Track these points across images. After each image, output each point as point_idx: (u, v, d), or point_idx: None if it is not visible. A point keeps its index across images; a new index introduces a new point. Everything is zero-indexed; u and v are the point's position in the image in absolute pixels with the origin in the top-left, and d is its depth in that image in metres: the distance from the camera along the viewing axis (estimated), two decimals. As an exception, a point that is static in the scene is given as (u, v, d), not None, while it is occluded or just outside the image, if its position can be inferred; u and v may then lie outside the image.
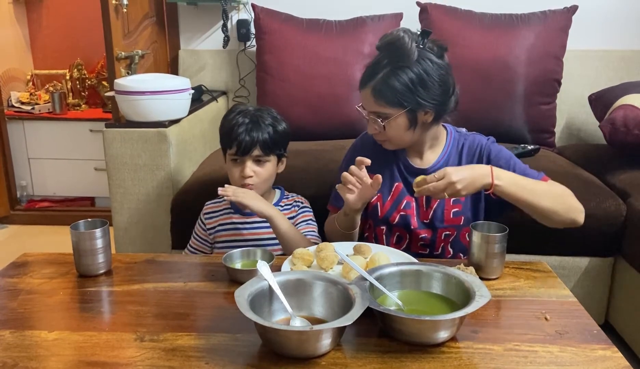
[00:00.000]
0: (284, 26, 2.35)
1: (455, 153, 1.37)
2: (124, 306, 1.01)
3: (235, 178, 1.41)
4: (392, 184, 1.38)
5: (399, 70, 1.23)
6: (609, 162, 2.02)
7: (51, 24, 3.50)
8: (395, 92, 1.24)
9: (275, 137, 1.40)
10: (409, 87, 1.23)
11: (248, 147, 1.37)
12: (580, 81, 2.43)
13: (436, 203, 1.34)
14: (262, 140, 1.38)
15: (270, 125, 1.40)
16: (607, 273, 1.81)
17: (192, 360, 0.83)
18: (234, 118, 1.40)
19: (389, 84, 1.24)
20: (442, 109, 1.28)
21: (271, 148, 1.40)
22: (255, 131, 1.37)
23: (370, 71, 1.28)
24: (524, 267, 1.17)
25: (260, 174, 1.40)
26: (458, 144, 1.38)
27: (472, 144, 1.37)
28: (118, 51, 2.25)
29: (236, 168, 1.41)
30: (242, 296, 0.87)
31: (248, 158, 1.39)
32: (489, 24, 2.28)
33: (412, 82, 1.23)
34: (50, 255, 1.22)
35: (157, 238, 1.91)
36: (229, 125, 1.40)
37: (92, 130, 3.12)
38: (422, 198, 1.36)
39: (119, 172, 1.86)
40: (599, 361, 0.84)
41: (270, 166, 1.42)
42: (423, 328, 0.86)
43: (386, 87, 1.24)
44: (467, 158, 1.36)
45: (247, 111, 1.42)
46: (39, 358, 0.85)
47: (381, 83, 1.25)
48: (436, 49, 1.26)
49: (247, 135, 1.37)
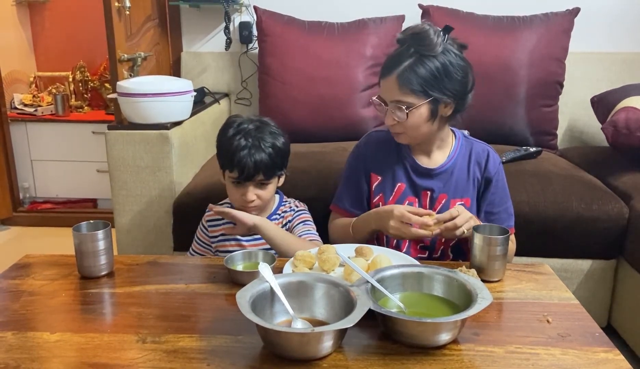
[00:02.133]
0: (286, 28, 2.35)
1: (463, 157, 1.37)
2: (126, 308, 1.01)
3: (237, 200, 1.38)
4: (394, 184, 1.38)
5: (426, 59, 1.24)
6: (612, 165, 2.02)
7: (54, 26, 3.51)
8: (421, 80, 1.24)
9: (276, 159, 1.35)
10: (435, 75, 1.23)
11: (251, 174, 1.32)
12: (582, 83, 2.42)
13: (440, 205, 1.35)
14: (265, 165, 1.32)
15: (271, 146, 1.34)
16: (609, 276, 1.80)
17: (194, 362, 0.83)
18: (234, 140, 1.33)
19: (416, 71, 1.24)
20: (461, 103, 1.29)
21: (273, 171, 1.36)
22: (258, 154, 1.31)
23: (394, 59, 1.27)
24: (526, 269, 1.17)
25: (263, 196, 1.37)
26: (466, 148, 1.39)
27: (481, 151, 1.38)
28: (120, 53, 2.25)
29: (237, 189, 1.37)
30: (244, 298, 0.87)
31: (250, 183, 1.35)
32: (491, 26, 2.28)
33: (437, 70, 1.23)
34: (52, 256, 1.22)
35: (158, 240, 1.91)
36: (229, 146, 1.33)
37: (94, 132, 3.13)
38: (426, 200, 1.36)
39: (121, 174, 1.86)
40: (601, 363, 0.83)
41: (272, 187, 1.39)
42: (425, 330, 0.86)
43: (413, 74, 1.24)
44: (475, 163, 1.37)
45: (247, 131, 1.34)
46: (41, 359, 0.85)
47: (408, 71, 1.24)
48: (456, 46, 1.28)
49: (249, 160, 1.31)
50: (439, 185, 1.35)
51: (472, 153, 1.37)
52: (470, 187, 1.36)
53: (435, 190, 1.35)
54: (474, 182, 1.36)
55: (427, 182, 1.36)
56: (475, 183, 1.36)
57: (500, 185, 1.38)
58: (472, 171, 1.36)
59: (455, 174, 1.35)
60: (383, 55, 2.31)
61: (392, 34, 2.35)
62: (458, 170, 1.36)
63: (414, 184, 1.36)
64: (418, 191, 1.36)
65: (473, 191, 1.36)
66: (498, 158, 1.40)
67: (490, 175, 1.36)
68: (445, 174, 1.35)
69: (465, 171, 1.36)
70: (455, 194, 1.35)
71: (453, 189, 1.35)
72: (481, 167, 1.37)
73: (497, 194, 1.37)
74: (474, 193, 1.37)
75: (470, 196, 1.36)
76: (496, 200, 1.37)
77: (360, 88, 2.28)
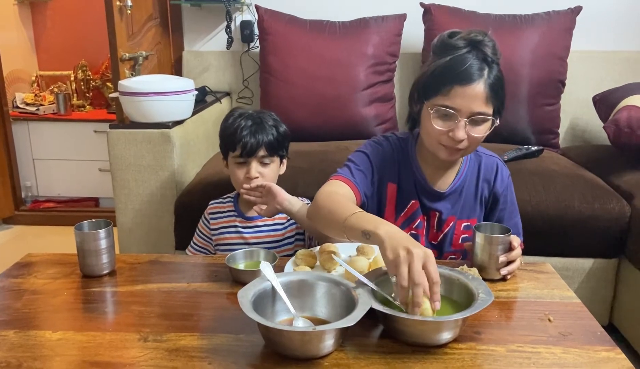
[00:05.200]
0: (288, 27, 2.35)
1: (472, 174, 1.28)
2: (128, 307, 1.01)
3: (240, 180, 1.42)
4: (408, 200, 1.27)
5: (497, 66, 1.14)
6: (613, 163, 2.02)
7: (56, 25, 3.52)
8: (503, 90, 1.14)
9: (278, 137, 1.42)
10: (502, 85, 1.15)
11: (254, 148, 1.38)
12: (584, 82, 2.42)
13: (448, 227, 1.28)
14: (267, 141, 1.39)
15: (273, 126, 1.42)
16: (611, 275, 1.80)
17: (195, 360, 0.83)
18: (237, 121, 1.41)
19: (501, 80, 1.13)
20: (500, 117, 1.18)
21: (275, 149, 1.42)
22: (260, 133, 1.39)
23: (472, 66, 1.11)
24: (527, 268, 1.17)
25: (265, 175, 1.41)
26: (475, 163, 1.29)
27: (490, 167, 1.29)
28: (122, 52, 2.25)
29: (241, 170, 1.42)
30: (245, 296, 0.87)
31: (253, 159, 1.40)
32: (493, 25, 2.27)
33: (502, 79, 1.15)
34: (54, 255, 1.22)
35: (160, 239, 1.91)
36: (232, 128, 1.41)
37: (96, 131, 3.13)
38: (434, 221, 1.28)
39: (123, 173, 1.86)
40: (603, 362, 0.83)
41: (274, 167, 1.44)
42: (426, 329, 0.86)
43: (499, 83, 1.13)
44: (483, 181, 1.29)
45: (248, 114, 1.43)
46: (43, 358, 0.85)
47: (496, 79, 1.12)
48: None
49: (252, 137, 1.38)
50: (448, 207, 1.27)
51: (481, 169, 1.28)
52: (478, 207, 1.29)
53: (444, 212, 1.27)
54: (482, 201, 1.29)
55: (436, 204, 1.27)
56: (482, 201, 1.30)
57: (509, 201, 1.30)
58: (481, 189, 1.28)
59: (464, 194, 1.27)
60: (385, 54, 2.33)
61: (394, 32, 2.35)
62: (467, 190, 1.28)
63: (424, 204, 1.28)
64: (427, 211, 1.28)
65: (480, 211, 1.30)
66: (507, 171, 1.31)
67: (498, 192, 1.29)
68: (454, 195, 1.27)
69: (473, 190, 1.28)
70: (462, 215, 1.29)
71: (460, 210, 1.28)
72: (490, 183, 1.29)
73: (505, 210, 1.30)
74: (481, 214, 1.30)
75: (477, 216, 1.29)
76: (505, 216, 1.30)
77: (361, 87, 2.28)
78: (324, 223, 1.12)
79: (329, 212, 1.09)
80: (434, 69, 1.14)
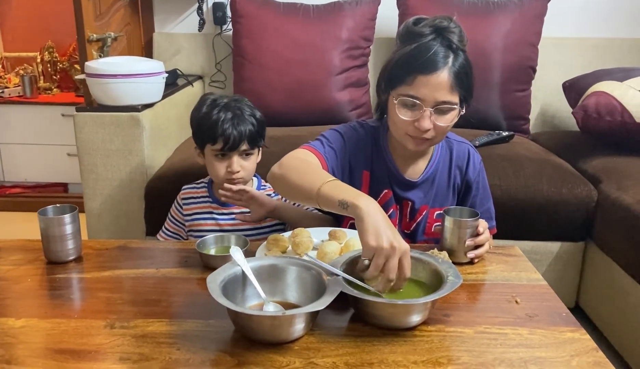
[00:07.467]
0: (261, 10, 2.31)
1: (444, 162, 1.28)
2: (94, 293, 0.99)
3: (221, 174, 1.37)
4: (381, 189, 1.26)
5: (462, 53, 1.11)
6: (582, 149, 2.06)
7: (21, 5, 3.39)
8: (469, 78, 1.12)
9: (257, 127, 1.38)
10: (467, 72, 1.12)
11: (237, 142, 1.34)
12: (554, 68, 2.45)
13: (421, 216, 1.28)
14: (249, 133, 1.35)
15: (251, 115, 1.37)
16: (578, 258, 1.85)
17: (163, 346, 0.82)
18: (214, 113, 1.34)
19: (465, 68, 1.11)
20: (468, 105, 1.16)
21: (256, 141, 1.38)
22: (241, 124, 1.34)
23: (437, 53, 1.08)
24: (496, 252, 1.18)
25: (247, 168, 1.39)
26: (447, 151, 1.28)
27: (462, 154, 1.29)
28: (89, 33, 2.19)
29: (221, 163, 1.37)
30: (215, 282, 0.86)
31: (235, 153, 1.36)
32: (466, 10, 2.28)
33: (469, 67, 1.12)
34: (19, 241, 1.19)
35: (130, 225, 1.88)
36: (209, 120, 1.34)
37: (64, 115, 3.05)
38: (407, 210, 1.28)
39: (90, 158, 1.82)
40: (568, 343, 0.85)
41: (254, 158, 1.42)
42: (396, 312, 0.86)
43: (463, 71, 1.10)
44: (456, 168, 1.28)
45: (225, 103, 1.37)
46: (5, 345, 0.83)
47: (461, 67, 1.10)
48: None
49: (234, 130, 1.33)
50: (420, 196, 1.27)
51: (453, 156, 1.28)
52: (450, 195, 1.29)
53: (416, 202, 1.27)
54: (454, 189, 1.30)
55: (409, 193, 1.27)
56: (455, 189, 1.30)
57: (481, 186, 1.30)
58: (453, 176, 1.28)
59: (436, 183, 1.27)
60: (359, 38, 2.31)
61: (368, 16, 2.33)
62: (439, 178, 1.27)
63: (396, 193, 1.27)
64: (400, 200, 1.28)
65: (453, 199, 1.30)
66: (479, 157, 1.31)
67: (470, 179, 1.29)
68: (426, 184, 1.27)
69: (445, 178, 1.28)
70: (435, 203, 1.28)
71: (433, 199, 1.28)
72: (462, 170, 1.28)
73: (477, 196, 1.30)
74: (454, 202, 1.30)
75: (450, 204, 1.29)
76: (477, 202, 1.30)
77: (335, 71, 2.27)
78: (291, 188, 1.07)
79: (300, 178, 1.05)
80: (399, 58, 1.13)
